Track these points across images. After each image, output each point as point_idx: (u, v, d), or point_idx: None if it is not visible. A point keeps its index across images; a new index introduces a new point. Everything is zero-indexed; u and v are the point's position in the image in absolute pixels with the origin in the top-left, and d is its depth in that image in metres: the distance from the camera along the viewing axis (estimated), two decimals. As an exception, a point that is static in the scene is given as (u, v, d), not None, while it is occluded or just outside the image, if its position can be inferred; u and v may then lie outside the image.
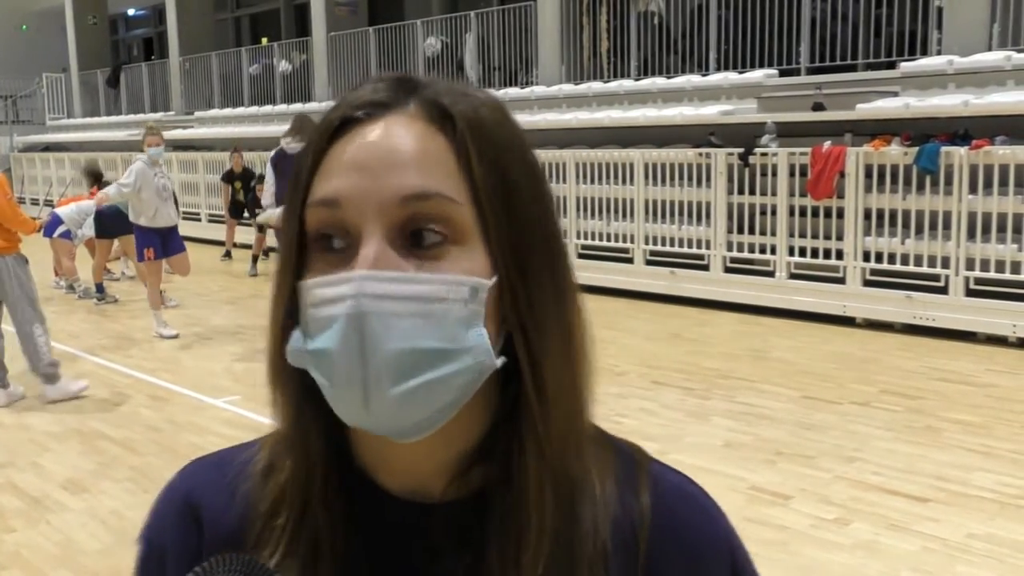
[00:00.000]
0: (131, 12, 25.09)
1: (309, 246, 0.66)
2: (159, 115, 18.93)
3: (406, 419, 0.63)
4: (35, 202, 19.61)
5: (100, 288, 9.79)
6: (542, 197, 0.68)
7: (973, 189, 7.10)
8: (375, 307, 0.61)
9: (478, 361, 0.63)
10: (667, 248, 9.07)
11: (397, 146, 0.64)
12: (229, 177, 12.58)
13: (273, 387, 0.71)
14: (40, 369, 6.11)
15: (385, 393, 0.62)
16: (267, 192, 7.36)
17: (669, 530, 0.71)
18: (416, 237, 0.63)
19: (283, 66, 16.72)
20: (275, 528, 0.70)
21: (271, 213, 7.19)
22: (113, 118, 20.66)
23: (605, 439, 0.74)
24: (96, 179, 10.63)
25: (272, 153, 7.46)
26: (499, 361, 0.64)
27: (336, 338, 0.62)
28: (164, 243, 8.00)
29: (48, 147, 21.18)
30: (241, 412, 5.80)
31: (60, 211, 9.85)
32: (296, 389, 0.69)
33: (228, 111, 17.30)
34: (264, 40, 19.51)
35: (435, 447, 0.67)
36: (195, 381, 6.60)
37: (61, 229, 9.69)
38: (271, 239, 11.06)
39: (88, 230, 9.75)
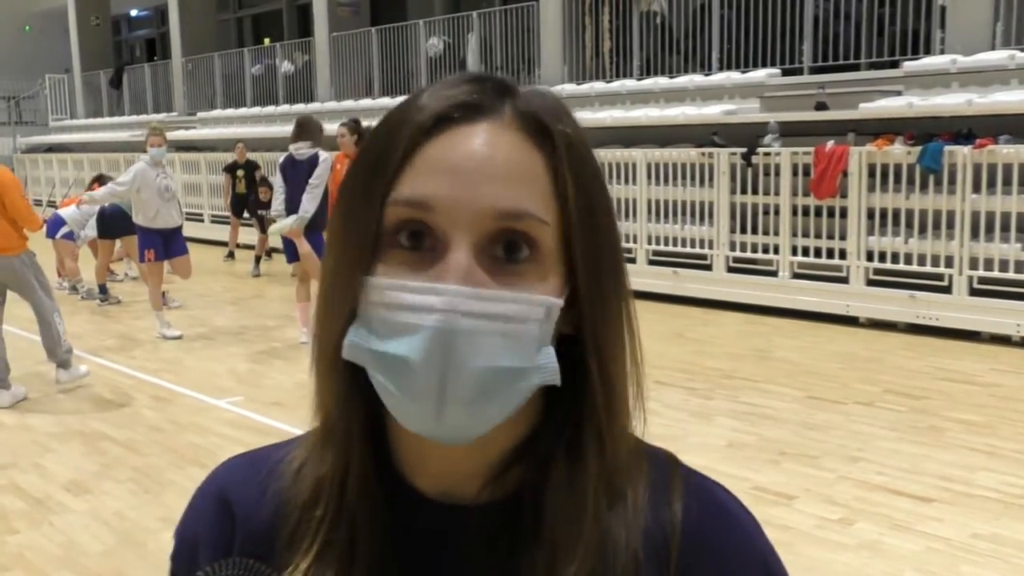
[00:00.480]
0: (134, 13, 25.13)
1: (382, 240, 0.64)
2: (162, 116, 18.94)
3: (471, 431, 0.64)
4: (38, 203, 19.62)
5: (103, 289, 9.80)
6: (612, 211, 0.69)
7: (976, 188, 7.08)
8: (465, 325, 0.61)
9: (544, 379, 0.64)
10: (670, 248, 9.06)
11: (495, 156, 0.63)
12: (232, 167, 12.60)
13: (321, 378, 0.70)
14: (59, 356, 6.35)
15: (461, 409, 0.62)
16: (277, 199, 7.29)
17: (701, 542, 0.70)
18: (506, 249, 0.63)
19: (285, 67, 16.73)
20: (313, 519, 0.69)
21: (284, 223, 7.12)
22: (116, 119, 20.68)
23: (639, 445, 0.73)
24: (98, 179, 10.63)
25: (281, 159, 7.38)
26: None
27: (419, 348, 0.61)
28: (166, 244, 7.99)
29: (51, 148, 21.21)
30: (244, 413, 5.80)
31: (62, 212, 9.86)
32: (346, 383, 0.68)
33: (231, 112, 17.31)
34: (266, 41, 19.52)
35: (476, 451, 0.67)
36: (198, 382, 6.60)
37: (64, 230, 9.70)
38: (275, 240, 11.07)
39: (91, 231, 9.76)
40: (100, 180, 10.45)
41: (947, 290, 7.24)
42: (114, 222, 9.32)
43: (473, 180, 0.62)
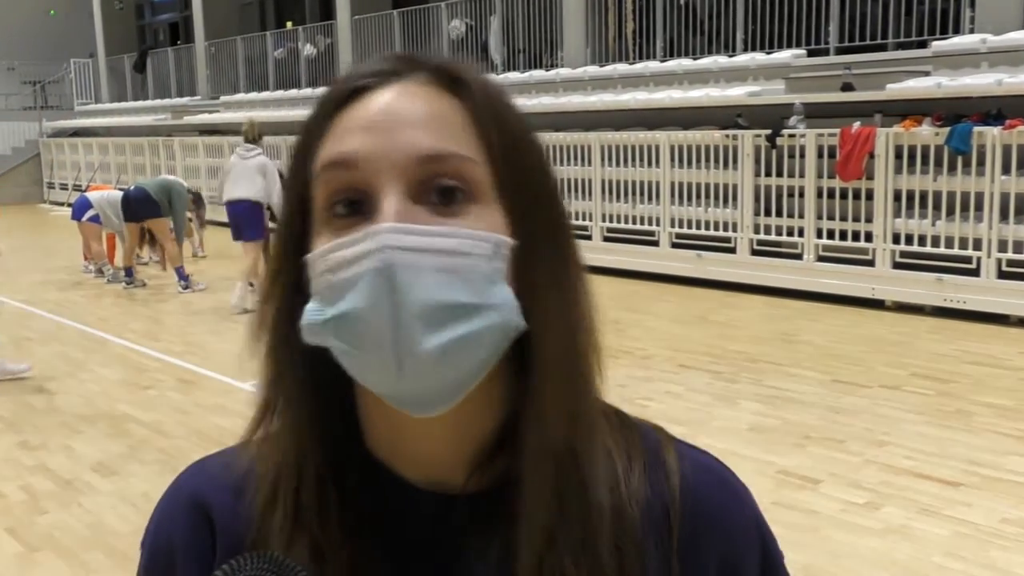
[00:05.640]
0: (157, -3, 25.17)
1: (315, 218, 0.64)
2: (185, 100, 19.02)
3: (439, 379, 0.61)
4: (64, 187, 19.78)
5: (129, 272, 9.86)
6: (546, 165, 0.68)
7: (1006, 170, 6.99)
8: (403, 259, 0.59)
9: (505, 319, 0.61)
10: (693, 231, 9.00)
11: (410, 106, 0.64)
12: None
13: (275, 379, 0.68)
14: None
15: (419, 348, 0.59)
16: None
17: (701, 511, 0.70)
18: (439, 194, 0.62)
19: (308, 50, 16.73)
20: (272, 530, 0.67)
21: None
22: (140, 103, 20.78)
23: (626, 419, 0.74)
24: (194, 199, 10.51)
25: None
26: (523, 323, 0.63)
27: (363, 295, 0.59)
28: None
29: (76, 132, 21.35)
30: (268, 395, 5.82)
31: (90, 195, 9.92)
32: (300, 378, 0.67)
33: (253, 95, 17.35)
34: (289, 24, 19.51)
35: (453, 433, 0.66)
36: (223, 364, 6.63)
37: (89, 213, 9.74)
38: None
39: (116, 218, 9.71)
40: (195, 200, 10.43)
41: (975, 273, 7.16)
42: (139, 205, 9.36)
43: (390, 130, 0.63)
